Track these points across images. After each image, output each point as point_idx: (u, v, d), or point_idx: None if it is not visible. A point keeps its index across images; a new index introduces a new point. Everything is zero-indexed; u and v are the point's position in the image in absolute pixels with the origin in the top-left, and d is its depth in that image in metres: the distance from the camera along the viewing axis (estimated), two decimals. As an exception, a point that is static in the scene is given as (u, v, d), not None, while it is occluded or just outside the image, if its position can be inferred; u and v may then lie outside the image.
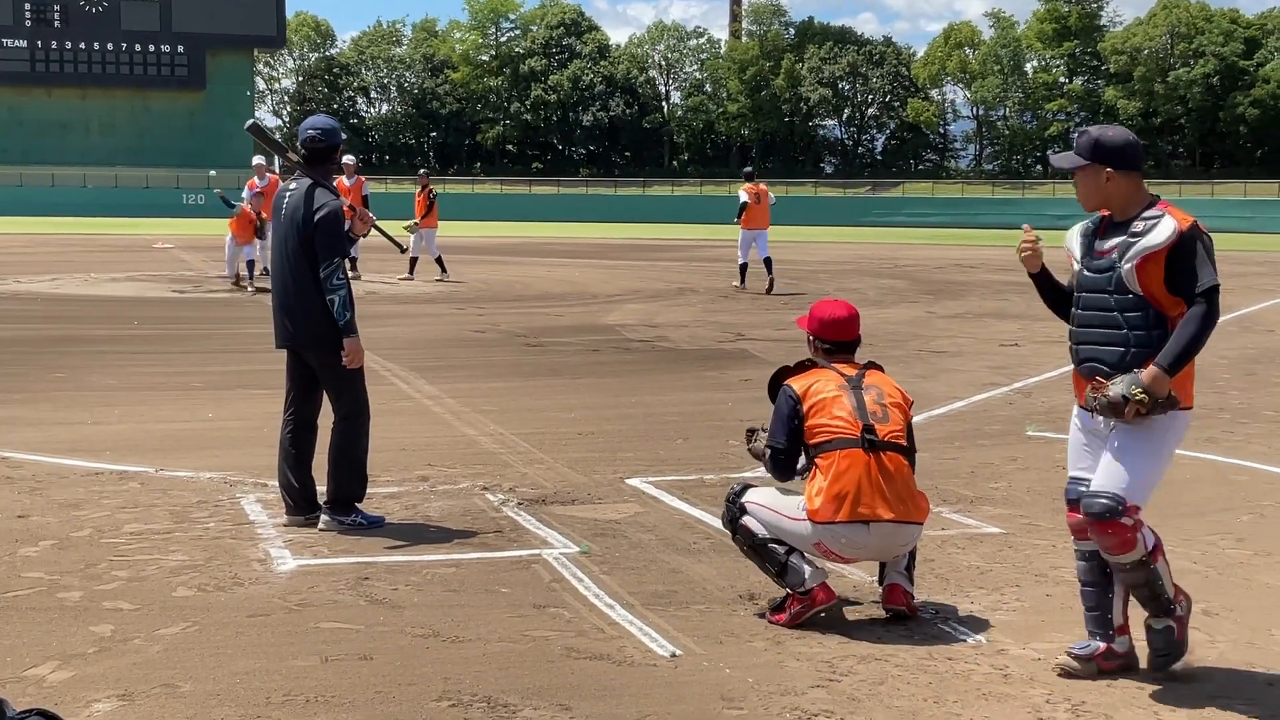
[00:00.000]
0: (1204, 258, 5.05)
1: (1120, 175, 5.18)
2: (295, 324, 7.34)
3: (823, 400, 5.80)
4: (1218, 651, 5.44)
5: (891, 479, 5.69)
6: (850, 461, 5.65)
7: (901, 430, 5.84)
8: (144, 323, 17.87)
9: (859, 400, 5.81)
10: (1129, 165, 5.21)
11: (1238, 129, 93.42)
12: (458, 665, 5.16)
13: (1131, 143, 5.27)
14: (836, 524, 5.61)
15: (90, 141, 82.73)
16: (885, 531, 5.64)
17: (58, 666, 5.06)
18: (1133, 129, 54.94)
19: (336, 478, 7.31)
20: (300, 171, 7.53)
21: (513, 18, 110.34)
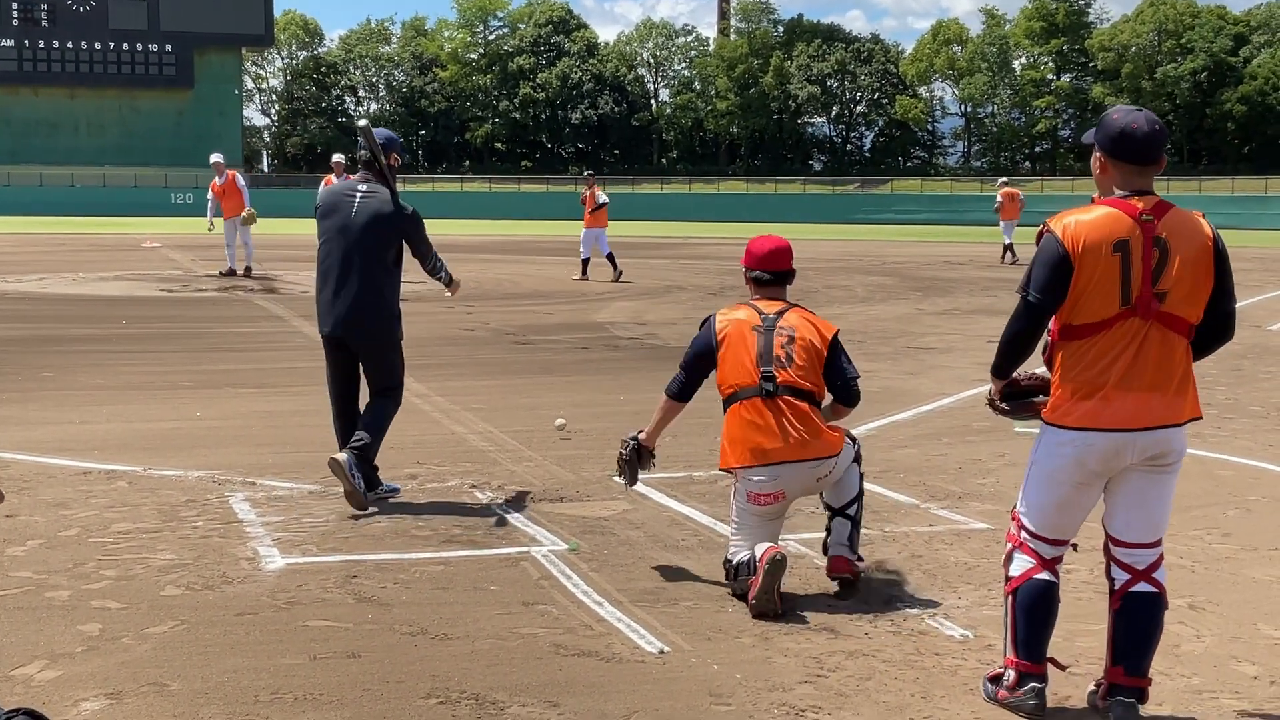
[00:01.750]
0: (1035, 259, 4.66)
1: (1108, 162, 4.65)
2: (371, 319, 7.76)
3: (731, 347, 6.18)
4: (1204, 645, 5.47)
5: (790, 422, 5.98)
6: (749, 410, 6.04)
7: (806, 372, 6.09)
8: (132, 322, 17.84)
9: (767, 342, 6.12)
10: (1115, 153, 4.63)
11: (1225, 125, 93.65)
12: (446, 663, 5.16)
13: (1127, 128, 4.59)
14: (745, 468, 6.01)
15: (78, 141, 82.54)
16: (791, 471, 5.99)
17: (45, 666, 5.06)
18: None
19: (370, 434, 7.71)
20: (364, 175, 7.96)
21: (501, 16, 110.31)
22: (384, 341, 7.86)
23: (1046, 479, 4.69)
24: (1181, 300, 4.55)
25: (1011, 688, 4.75)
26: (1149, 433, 4.55)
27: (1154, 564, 4.72)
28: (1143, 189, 4.62)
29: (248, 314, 18.76)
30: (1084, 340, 4.57)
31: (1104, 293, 4.51)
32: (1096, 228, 4.53)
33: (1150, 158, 4.59)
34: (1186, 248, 4.55)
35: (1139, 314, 4.51)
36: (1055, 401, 4.64)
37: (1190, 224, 4.60)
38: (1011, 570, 4.81)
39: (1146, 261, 4.51)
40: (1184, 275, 4.53)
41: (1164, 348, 4.55)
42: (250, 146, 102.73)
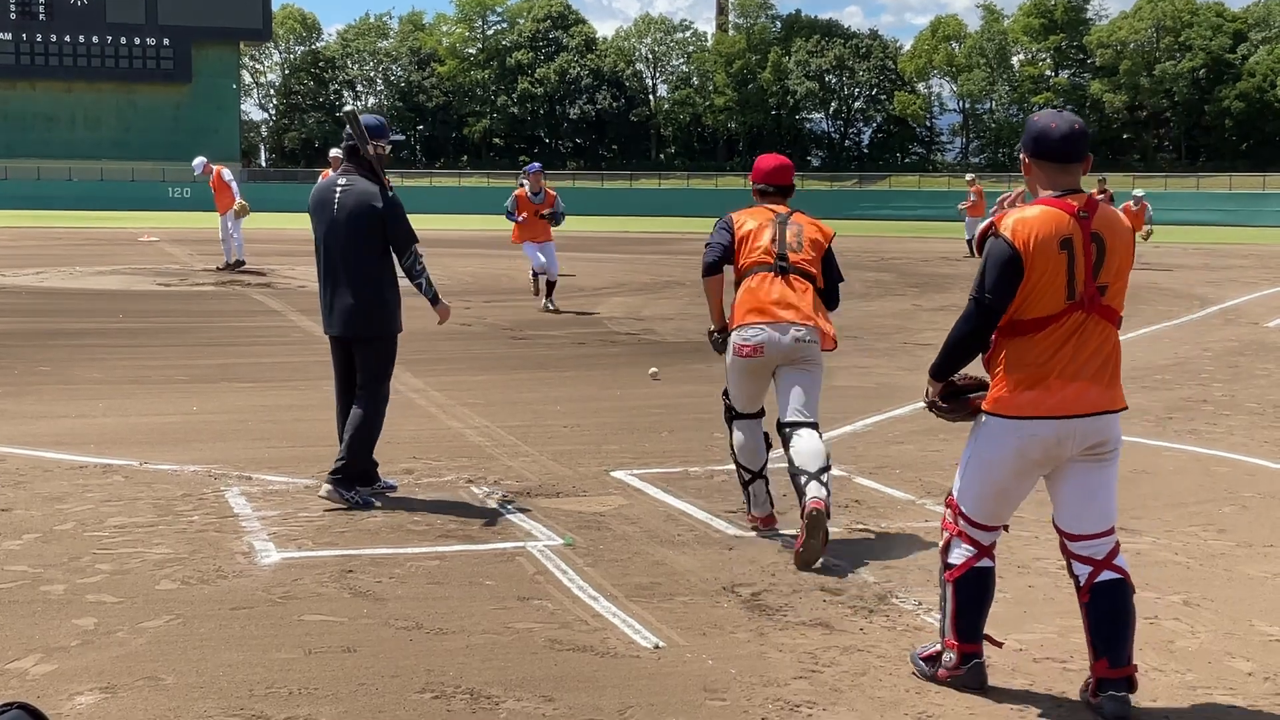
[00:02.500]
0: (986, 261, 4.77)
1: (1033, 163, 4.79)
2: (369, 316, 7.63)
3: (749, 232, 7.16)
4: (1198, 642, 5.47)
5: (796, 294, 6.96)
6: (761, 280, 7.01)
7: (813, 259, 7.10)
8: (129, 316, 17.82)
9: (780, 233, 7.11)
10: (1036, 152, 4.76)
11: (1223, 122, 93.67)
12: (441, 657, 5.17)
13: (1044, 128, 4.72)
14: (744, 325, 6.98)
15: (76, 135, 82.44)
16: (777, 333, 6.89)
17: (40, 659, 5.06)
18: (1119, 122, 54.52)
19: (351, 452, 7.58)
20: (347, 167, 7.76)
21: (499, 11, 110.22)
22: (380, 334, 7.77)
23: (986, 468, 4.81)
24: (1116, 293, 4.75)
25: (954, 667, 4.89)
26: (1089, 419, 4.69)
27: (1112, 551, 4.81)
28: (1070, 187, 4.75)
29: (245, 308, 18.75)
30: (1030, 335, 4.69)
31: (1051, 289, 4.65)
32: (1043, 225, 4.65)
33: (1070, 156, 4.72)
34: (1117, 242, 4.74)
35: (1083, 308, 4.67)
36: (996, 394, 4.76)
37: (1118, 220, 4.79)
38: (951, 559, 4.93)
39: (1088, 257, 4.66)
40: (1117, 268, 4.73)
41: (1101, 338, 4.73)
42: (248, 141, 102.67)
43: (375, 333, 7.71)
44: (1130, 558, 6.63)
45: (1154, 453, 9.41)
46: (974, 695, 4.86)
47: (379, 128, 7.89)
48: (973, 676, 4.88)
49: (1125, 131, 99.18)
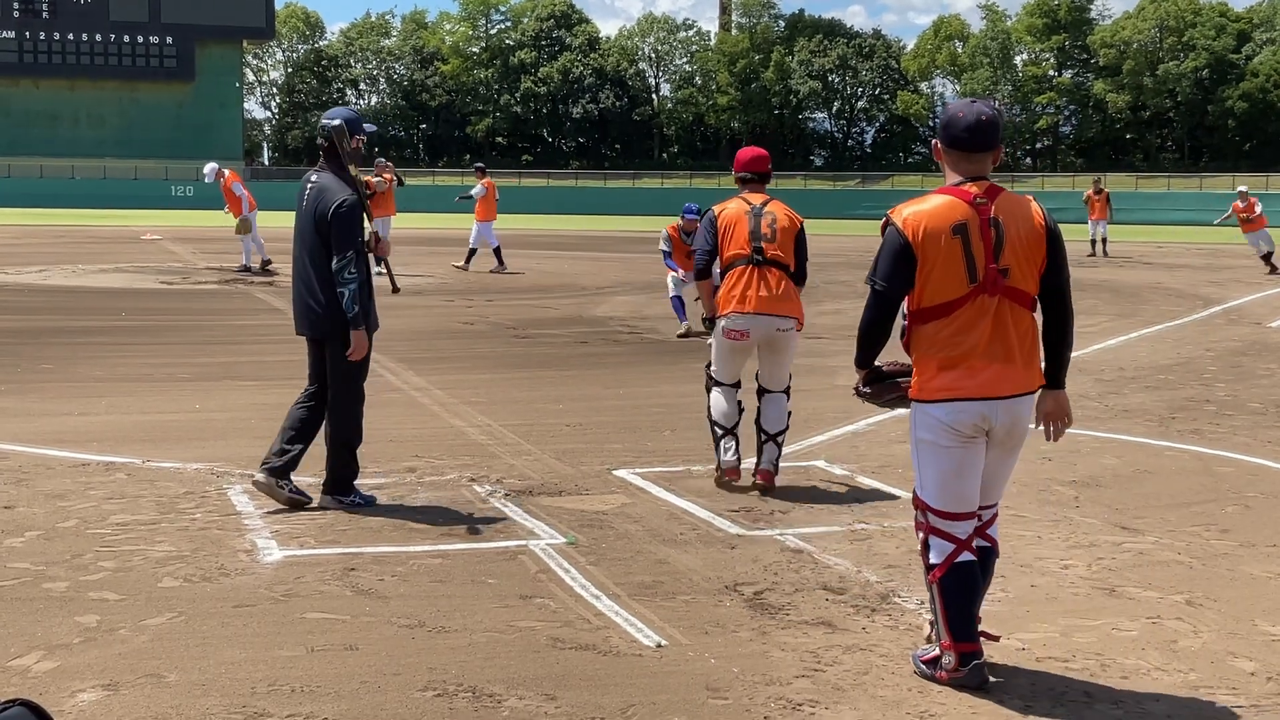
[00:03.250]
0: (880, 250, 4.99)
1: (943, 150, 4.96)
2: (320, 314, 7.43)
3: (729, 225, 8.18)
4: (1201, 641, 5.46)
5: (770, 285, 8.04)
6: (742, 273, 8.08)
7: (785, 249, 8.13)
8: (132, 314, 17.84)
9: (755, 225, 8.12)
10: (945, 140, 4.94)
11: (1226, 123, 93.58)
12: (443, 655, 5.16)
13: (953, 117, 4.91)
14: (728, 314, 8.09)
15: (78, 133, 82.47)
16: (761, 321, 8.04)
17: (43, 656, 5.06)
18: (1122, 122, 54.47)
19: (334, 458, 7.48)
20: (321, 164, 7.64)
21: (503, 9, 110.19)
22: (337, 336, 7.43)
23: (932, 451, 4.92)
24: (1022, 276, 4.86)
25: (954, 669, 4.90)
26: (1011, 400, 4.87)
27: (991, 519, 5.11)
28: (976, 175, 4.91)
29: (247, 306, 18.76)
30: (940, 320, 4.85)
31: (951, 274, 4.82)
32: (934, 215, 4.85)
33: (976, 145, 4.88)
34: (1020, 226, 4.87)
35: (987, 290, 4.82)
36: (920, 380, 4.92)
37: (1022, 205, 4.94)
38: (932, 559, 4.98)
39: (986, 241, 4.82)
40: (1020, 252, 4.85)
41: (1015, 321, 4.88)
42: (251, 140, 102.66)
43: (330, 332, 7.43)
44: (1133, 557, 6.68)
45: (1156, 453, 9.40)
46: (976, 695, 4.85)
47: (356, 121, 7.66)
48: (973, 676, 4.88)
49: (1128, 131, 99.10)
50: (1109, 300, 21.79)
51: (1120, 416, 10.81)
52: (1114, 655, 5.27)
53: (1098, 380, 12.72)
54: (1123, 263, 32.74)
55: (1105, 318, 18.80)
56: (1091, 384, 12.44)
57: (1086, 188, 36.91)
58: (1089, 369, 13.54)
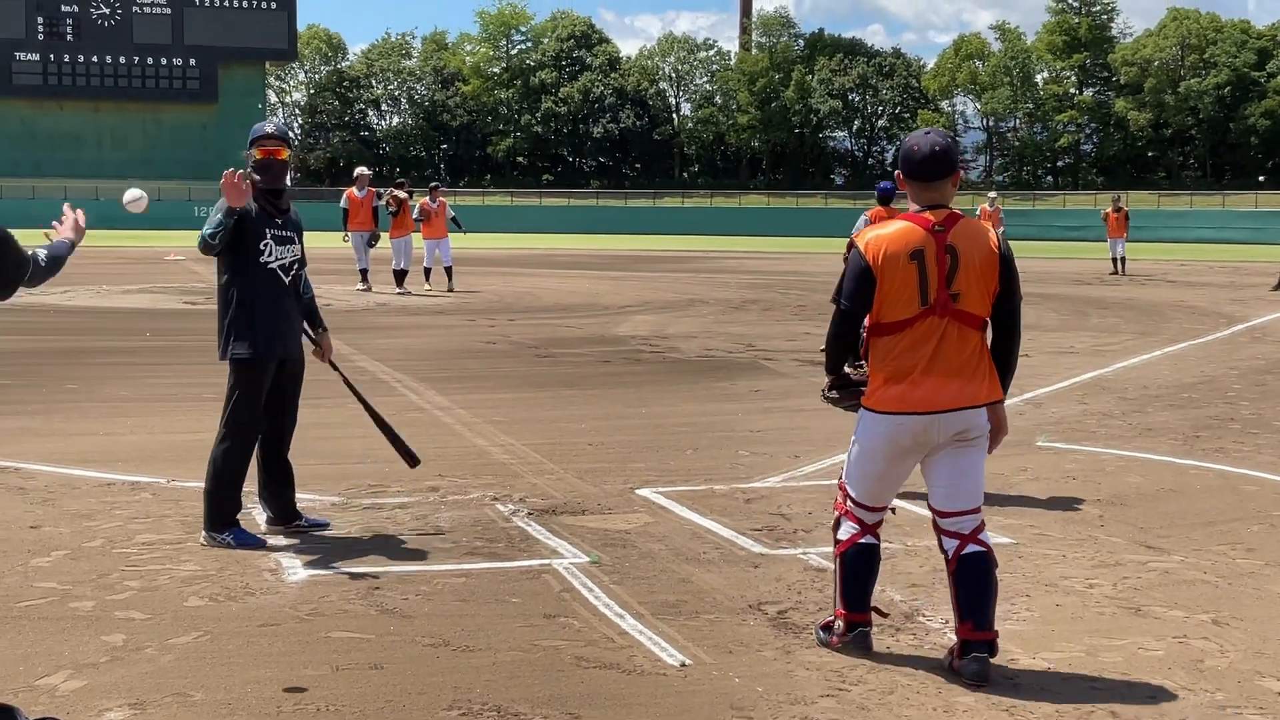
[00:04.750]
0: (845, 271, 5.36)
1: (904, 179, 5.30)
2: (294, 334, 7.41)
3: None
4: (1228, 661, 5.44)
5: None
6: None
7: None
8: (156, 334, 17.93)
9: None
10: (904, 171, 5.29)
11: (1248, 140, 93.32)
12: (468, 674, 5.17)
13: (910, 149, 5.27)
14: None
15: (102, 154, 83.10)
16: None
17: (70, 675, 5.08)
18: (1143, 140, 54.80)
19: (206, 494, 7.21)
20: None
21: (523, 30, 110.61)
22: (222, 358, 7.23)
23: (866, 455, 5.37)
24: (973, 300, 5.19)
25: (842, 635, 5.46)
26: (951, 414, 5.20)
27: (978, 528, 5.33)
28: (935, 203, 5.25)
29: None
30: (892, 336, 5.22)
31: (905, 296, 5.17)
32: (894, 240, 5.20)
33: (933, 174, 5.24)
34: (974, 253, 5.19)
35: (937, 313, 5.17)
36: (870, 389, 5.33)
37: (978, 232, 5.26)
38: (840, 535, 5.50)
39: (940, 267, 5.16)
40: (973, 277, 5.18)
41: (960, 341, 5.20)
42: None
43: (221, 354, 7.22)
44: (1158, 577, 6.65)
45: (1181, 471, 9.37)
46: (1003, 714, 4.84)
47: (256, 135, 7.38)
48: (858, 643, 5.44)
49: (1150, 149, 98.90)
50: (1131, 318, 21.72)
51: (1144, 435, 10.77)
52: (1140, 675, 5.24)
53: (1121, 399, 12.68)
54: (1144, 281, 32.65)
55: (1128, 336, 18.73)
56: (1115, 402, 12.40)
57: (1107, 205, 36.84)
58: (1112, 387, 13.50)
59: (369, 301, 23.89)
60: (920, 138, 5.31)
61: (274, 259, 7.21)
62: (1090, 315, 22.45)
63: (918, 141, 5.29)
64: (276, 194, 7.35)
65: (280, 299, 7.23)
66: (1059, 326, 19.99)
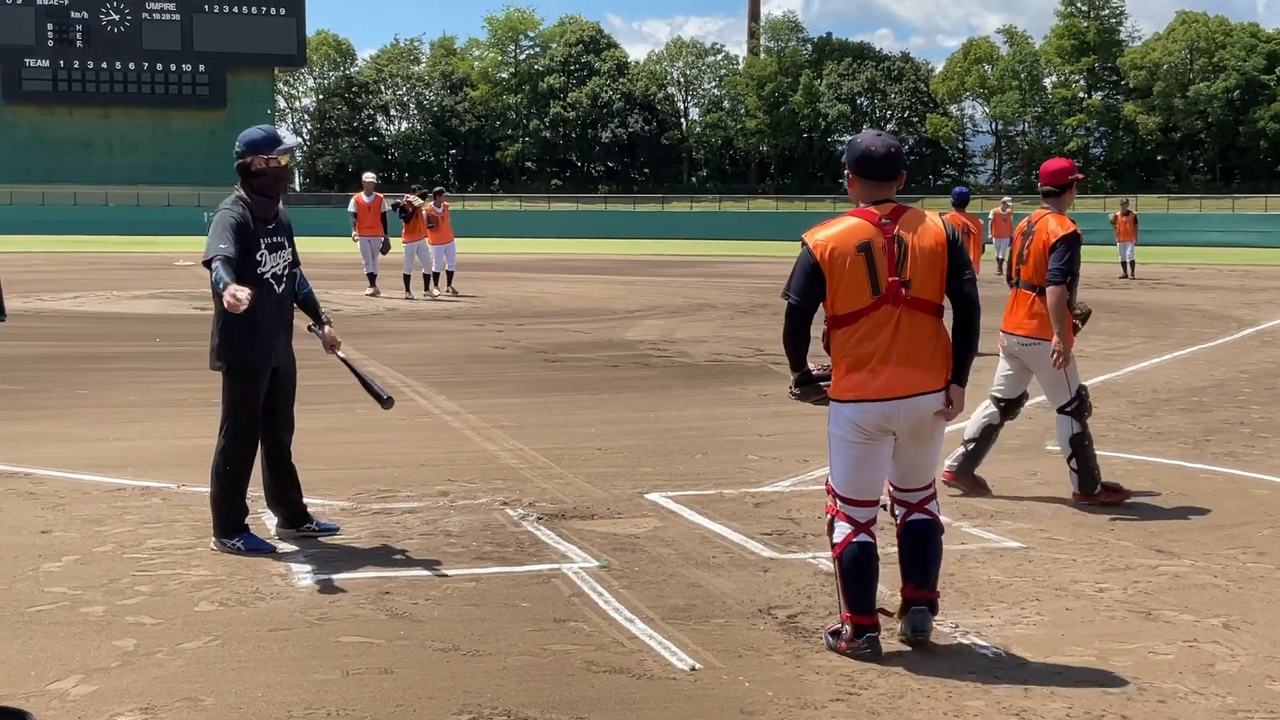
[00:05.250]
0: (794, 267, 5.56)
1: (854, 178, 5.58)
2: (285, 342, 7.46)
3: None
4: (1239, 665, 5.43)
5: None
6: None
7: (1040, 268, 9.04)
8: (166, 340, 17.96)
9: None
10: (859, 171, 5.56)
11: (1258, 144, 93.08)
12: (478, 679, 5.17)
13: (867, 150, 5.53)
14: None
15: (112, 160, 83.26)
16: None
17: (81, 680, 5.09)
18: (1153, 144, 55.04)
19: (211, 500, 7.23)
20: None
21: (531, 35, 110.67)
22: (214, 366, 7.23)
23: (840, 444, 5.57)
24: (926, 287, 5.43)
25: (850, 639, 5.48)
26: (911, 399, 5.44)
27: (927, 498, 5.70)
28: (884, 199, 5.53)
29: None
30: (849, 326, 5.47)
31: (855, 287, 5.42)
32: (841, 236, 5.47)
33: (888, 175, 5.53)
34: (922, 240, 5.45)
35: (889, 301, 5.42)
36: (834, 380, 5.57)
37: (923, 221, 5.52)
38: (834, 537, 5.60)
39: (889, 257, 5.42)
40: (922, 264, 5.42)
41: (915, 327, 5.45)
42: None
43: (212, 361, 7.21)
44: (1169, 580, 6.64)
45: (1191, 475, 9.35)
46: (1014, 719, 4.83)
47: (258, 141, 7.22)
48: (867, 647, 5.45)
49: (1159, 153, 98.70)
50: (1141, 322, 21.68)
51: (1154, 439, 10.75)
52: (1151, 679, 5.24)
53: (1131, 403, 12.65)
54: (1154, 284, 32.60)
55: (1137, 340, 18.70)
56: (1125, 406, 12.37)
57: (1116, 209, 36.78)
58: (1122, 391, 13.47)
59: (378, 306, 23.92)
60: (874, 139, 5.59)
61: (267, 269, 7.19)
62: (1099, 319, 22.36)
63: (873, 143, 5.57)
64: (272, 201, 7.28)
65: (270, 307, 7.19)
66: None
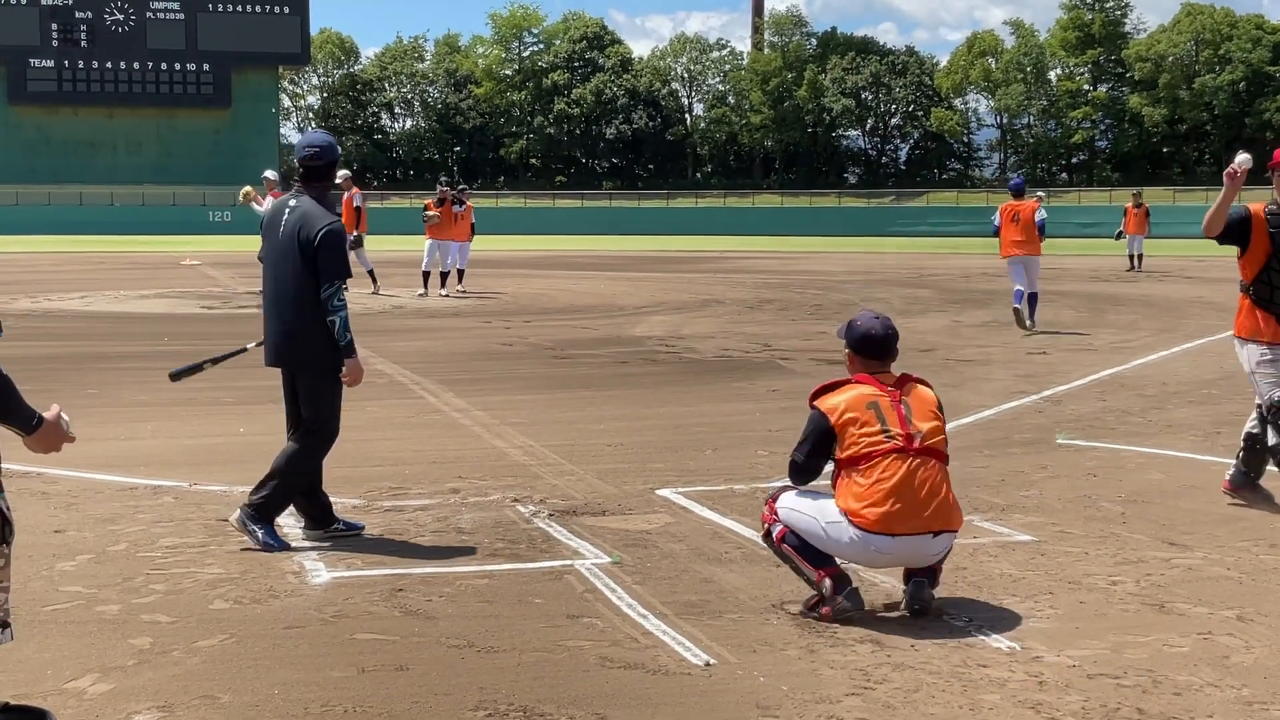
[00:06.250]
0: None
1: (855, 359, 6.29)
2: (286, 342, 7.32)
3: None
4: (1254, 657, 5.43)
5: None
6: None
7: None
8: (175, 339, 17.98)
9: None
10: (861, 351, 6.26)
11: (1264, 135, 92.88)
12: (493, 675, 5.18)
13: (863, 333, 6.24)
14: None
15: (117, 160, 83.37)
16: None
17: (98, 679, 5.11)
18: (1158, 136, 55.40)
19: (265, 482, 7.25)
20: (299, 188, 7.41)
21: (535, 32, 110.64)
22: (312, 368, 7.28)
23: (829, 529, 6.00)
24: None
25: (832, 594, 5.84)
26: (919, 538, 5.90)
27: None
28: (883, 372, 6.24)
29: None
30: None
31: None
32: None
33: (889, 354, 6.26)
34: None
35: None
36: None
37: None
38: (774, 533, 6.09)
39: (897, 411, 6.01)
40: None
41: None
42: (287, 164, 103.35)
43: (306, 363, 7.27)
44: (1182, 573, 6.65)
45: (1203, 467, 9.34)
46: (1030, 712, 4.84)
47: (329, 147, 7.38)
48: (852, 600, 5.82)
49: (1165, 145, 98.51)
50: (1150, 315, 21.67)
51: (1165, 432, 10.75)
52: (1166, 672, 5.24)
53: (1140, 395, 12.65)
54: (1162, 277, 32.57)
55: (1146, 332, 18.69)
56: (1134, 399, 12.37)
57: (1124, 201, 36.73)
58: (1131, 384, 13.47)
59: (384, 304, 23.94)
60: (873, 321, 6.21)
61: None
62: (1107, 312, 22.40)
63: (871, 326, 6.19)
64: None
65: None
66: (1077, 323, 19.96)
